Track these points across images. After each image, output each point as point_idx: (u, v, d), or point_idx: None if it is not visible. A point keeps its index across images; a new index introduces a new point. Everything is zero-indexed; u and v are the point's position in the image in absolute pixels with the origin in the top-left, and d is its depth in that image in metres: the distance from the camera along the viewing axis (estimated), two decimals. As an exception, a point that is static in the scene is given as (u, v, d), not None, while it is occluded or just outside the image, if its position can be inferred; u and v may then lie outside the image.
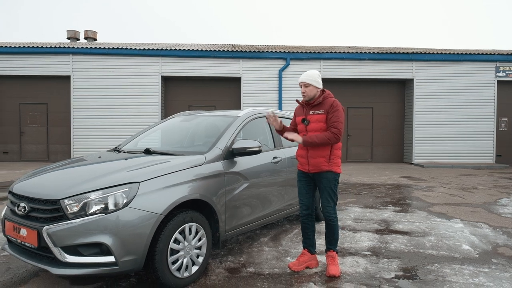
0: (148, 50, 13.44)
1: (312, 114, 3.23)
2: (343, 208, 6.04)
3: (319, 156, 3.17)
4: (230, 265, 3.45)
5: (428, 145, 13.82)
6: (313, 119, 3.21)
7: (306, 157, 3.25)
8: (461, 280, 3.11)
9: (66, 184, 2.73)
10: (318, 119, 3.19)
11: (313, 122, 3.21)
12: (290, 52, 13.83)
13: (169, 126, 4.51)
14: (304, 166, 3.29)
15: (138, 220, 2.62)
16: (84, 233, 2.51)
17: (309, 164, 3.23)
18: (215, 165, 3.33)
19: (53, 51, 13.35)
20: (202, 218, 3.10)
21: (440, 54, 13.77)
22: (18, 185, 3.01)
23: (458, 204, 6.41)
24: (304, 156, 3.26)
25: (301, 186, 3.38)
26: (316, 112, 3.21)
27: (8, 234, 2.89)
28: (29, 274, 3.20)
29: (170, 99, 14.25)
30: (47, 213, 2.63)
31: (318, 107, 3.23)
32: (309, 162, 3.22)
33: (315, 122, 3.20)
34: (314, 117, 3.21)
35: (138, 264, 2.64)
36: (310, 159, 3.21)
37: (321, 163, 3.18)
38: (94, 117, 13.37)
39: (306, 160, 3.25)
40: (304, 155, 3.27)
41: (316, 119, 3.20)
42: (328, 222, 3.27)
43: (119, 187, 2.67)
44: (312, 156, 3.19)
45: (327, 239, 3.33)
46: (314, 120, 3.21)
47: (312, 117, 3.22)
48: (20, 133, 13.85)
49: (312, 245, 3.42)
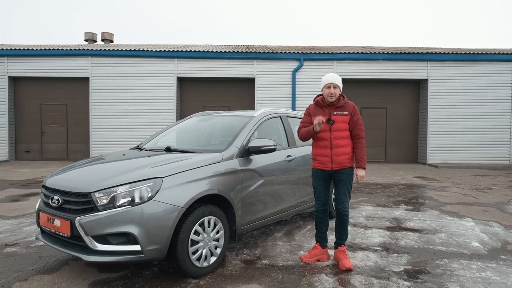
0: (164, 51, 13.76)
1: (336, 114, 3.43)
2: (355, 206, 6.16)
3: (343, 154, 3.41)
4: (246, 257, 3.64)
5: (443, 146, 13.77)
6: (338, 120, 3.42)
7: (329, 155, 3.42)
8: (468, 274, 3.23)
9: (96, 179, 2.96)
10: (343, 120, 3.42)
11: (338, 122, 3.41)
12: (303, 52, 13.96)
13: (187, 126, 4.72)
14: (327, 165, 3.44)
15: (162, 212, 2.83)
16: (113, 224, 2.73)
17: (332, 162, 3.41)
18: (232, 163, 3.52)
19: (72, 53, 13.79)
20: (220, 212, 3.29)
21: (456, 54, 13.71)
22: (51, 180, 3.25)
23: (471, 204, 6.46)
24: (328, 155, 3.42)
25: (319, 184, 3.53)
26: (341, 113, 3.43)
27: (43, 225, 3.14)
28: (59, 263, 3.45)
29: (185, 100, 14.54)
30: (79, 205, 2.86)
31: (342, 108, 3.44)
32: (333, 160, 3.41)
33: (340, 122, 3.42)
34: (339, 118, 3.42)
35: (161, 253, 2.85)
36: (335, 157, 3.40)
37: (345, 161, 3.42)
38: (112, 117, 13.76)
39: (330, 158, 3.42)
40: (327, 154, 3.43)
41: (341, 119, 3.42)
42: (342, 217, 3.46)
43: (144, 181, 2.88)
44: (337, 154, 3.40)
45: (339, 234, 3.50)
46: (339, 120, 3.42)
47: (337, 118, 3.42)
48: (41, 132, 14.34)
49: (325, 239, 3.59)
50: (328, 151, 3.42)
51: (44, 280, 3.05)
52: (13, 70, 13.78)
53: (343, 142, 3.41)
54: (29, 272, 3.23)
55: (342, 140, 3.41)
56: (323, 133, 3.42)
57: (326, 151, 3.43)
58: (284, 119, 4.55)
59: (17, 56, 13.72)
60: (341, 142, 3.41)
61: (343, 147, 3.40)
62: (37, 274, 3.17)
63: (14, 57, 13.73)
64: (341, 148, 3.40)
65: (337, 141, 3.40)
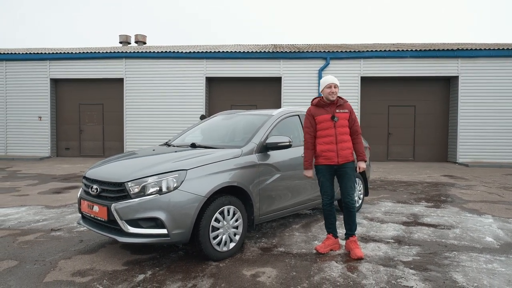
0: (193, 53, 14.28)
1: (339, 112, 3.72)
2: (375, 202, 6.30)
3: (347, 148, 3.70)
4: (263, 245, 3.94)
5: (474, 144, 13.45)
6: (340, 117, 3.71)
7: (335, 150, 3.66)
8: (475, 265, 3.37)
9: (129, 170, 3.35)
10: (344, 117, 3.73)
11: (341, 119, 3.71)
12: (329, 51, 14.04)
13: (212, 124, 5.07)
14: (333, 159, 3.67)
15: (186, 200, 3.18)
16: (143, 210, 3.11)
17: (338, 156, 3.65)
18: (250, 157, 3.82)
19: (108, 56, 14.60)
20: (239, 202, 3.60)
21: (487, 50, 13.34)
22: (90, 172, 3.68)
23: (495, 202, 6.44)
24: (334, 150, 3.66)
25: (326, 179, 3.76)
26: (342, 111, 3.74)
27: (83, 211, 3.57)
28: (97, 245, 3.89)
29: (214, 99, 15.00)
30: (115, 193, 3.26)
31: (342, 107, 3.75)
32: (339, 154, 3.65)
33: (343, 119, 3.72)
34: (341, 115, 3.72)
35: (185, 236, 3.20)
36: (340, 151, 3.65)
37: (348, 155, 3.70)
38: (144, 116, 14.44)
39: (336, 153, 3.66)
40: (333, 149, 3.67)
41: (343, 117, 3.72)
42: (350, 209, 3.69)
43: (171, 173, 3.25)
44: (342, 149, 3.67)
45: (348, 226, 3.73)
46: (341, 117, 3.71)
47: (340, 115, 3.71)
48: (79, 131, 15.26)
49: (335, 230, 3.84)
50: (334, 146, 3.66)
51: (85, 259, 3.48)
52: (54, 72, 14.75)
53: (346, 137, 3.71)
54: (72, 252, 3.68)
55: (345, 135, 3.70)
56: (329, 130, 3.68)
57: (332, 147, 3.66)
58: (302, 117, 4.79)
59: (58, 59, 14.69)
60: (345, 137, 3.69)
61: (347, 142, 3.69)
62: (78, 254, 3.61)
63: (55, 60, 14.71)
64: (345, 143, 3.68)
65: (341, 137, 3.67)
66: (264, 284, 2.94)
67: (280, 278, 3.07)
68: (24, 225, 4.70)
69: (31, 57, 14.69)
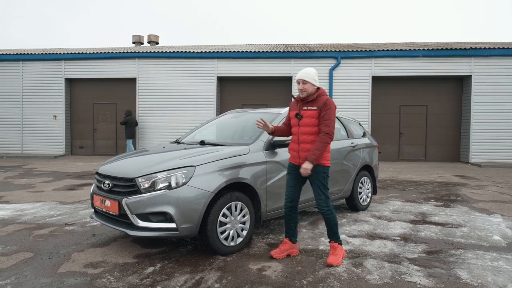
0: (205, 53, 14.42)
1: (305, 109, 3.37)
2: (384, 201, 6.31)
3: (308, 150, 3.31)
4: (270, 241, 4.01)
5: (487, 144, 13.28)
6: (306, 115, 3.35)
7: (297, 150, 3.40)
8: (480, 263, 3.38)
9: (140, 166, 3.46)
10: (310, 115, 3.34)
11: (306, 117, 3.35)
12: (341, 51, 14.02)
13: (221, 122, 5.17)
14: (295, 159, 3.44)
15: (194, 196, 3.27)
16: (153, 204, 3.21)
17: (299, 157, 3.38)
18: (258, 155, 3.89)
19: (121, 56, 14.86)
20: (246, 199, 3.68)
21: (501, 49, 13.16)
22: (103, 168, 3.80)
23: (505, 202, 6.38)
24: (296, 149, 3.42)
25: (290, 179, 3.51)
26: (310, 108, 3.35)
27: (96, 205, 3.70)
28: (109, 239, 4.01)
29: (225, 98, 15.12)
30: (126, 188, 3.37)
31: (311, 103, 3.36)
32: (300, 155, 3.37)
33: (308, 117, 3.34)
34: (307, 113, 3.35)
35: (193, 231, 3.29)
36: (301, 153, 3.36)
37: None
38: (157, 115, 14.65)
39: (297, 153, 3.40)
40: (295, 149, 3.42)
41: (309, 114, 3.34)
42: (323, 215, 3.41)
43: (180, 169, 3.34)
44: (303, 150, 3.35)
45: (327, 231, 3.46)
46: (306, 115, 3.35)
47: (305, 113, 3.36)
48: (93, 130, 15.55)
49: (294, 235, 3.57)
50: (296, 146, 3.43)
51: (97, 252, 3.60)
52: (69, 72, 15.07)
53: (309, 138, 3.33)
54: (85, 245, 3.81)
55: (308, 136, 3.34)
56: (294, 128, 3.47)
57: (295, 146, 3.44)
58: (310, 115, 4.83)
59: (72, 59, 15.00)
60: (307, 138, 3.34)
61: (309, 143, 3.32)
62: (91, 247, 3.74)
63: (70, 60, 15.03)
64: (306, 144, 3.33)
65: (303, 137, 3.36)
66: (269, 278, 3.01)
67: (286, 272, 3.14)
68: (40, 219, 4.87)
69: (47, 57, 15.04)
